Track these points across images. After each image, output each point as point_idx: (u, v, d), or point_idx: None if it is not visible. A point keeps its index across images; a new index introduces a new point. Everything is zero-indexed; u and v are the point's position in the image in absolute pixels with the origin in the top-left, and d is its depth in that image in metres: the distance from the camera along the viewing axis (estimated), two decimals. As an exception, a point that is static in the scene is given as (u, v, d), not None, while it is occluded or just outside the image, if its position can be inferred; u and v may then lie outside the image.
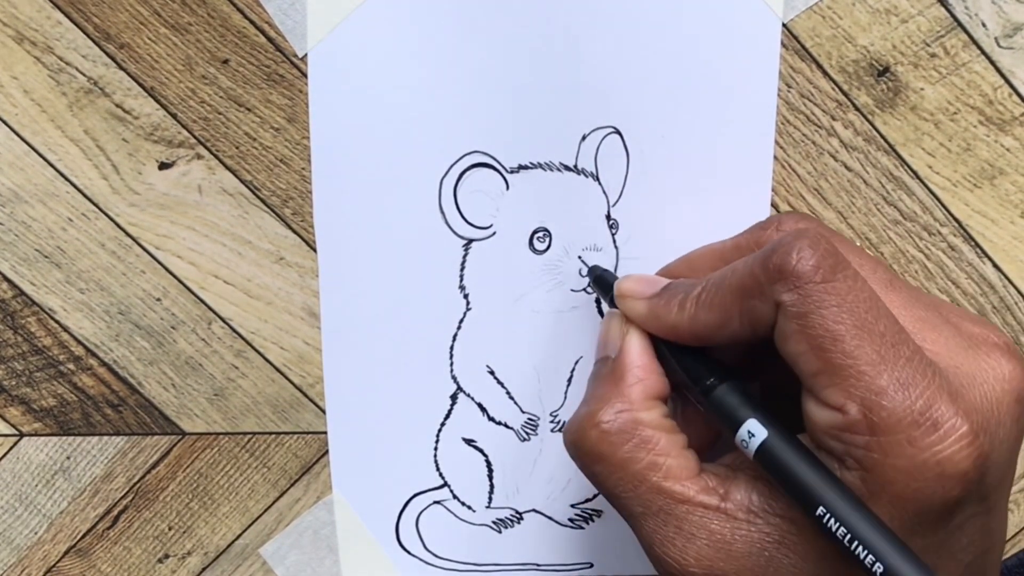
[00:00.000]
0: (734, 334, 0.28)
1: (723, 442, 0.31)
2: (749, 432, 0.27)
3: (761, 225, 0.31)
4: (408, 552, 0.38)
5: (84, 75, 0.34)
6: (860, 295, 0.26)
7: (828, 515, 0.25)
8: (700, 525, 0.27)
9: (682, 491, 0.27)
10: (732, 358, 0.31)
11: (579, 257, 0.35)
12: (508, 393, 0.37)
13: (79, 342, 0.36)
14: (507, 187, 0.35)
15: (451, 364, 0.36)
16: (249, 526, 0.38)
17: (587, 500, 0.38)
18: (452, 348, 0.36)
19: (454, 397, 0.37)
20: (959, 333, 0.27)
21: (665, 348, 0.30)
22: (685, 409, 0.31)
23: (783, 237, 0.27)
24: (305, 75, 0.34)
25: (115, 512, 0.38)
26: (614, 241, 0.36)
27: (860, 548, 0.24)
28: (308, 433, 0.37)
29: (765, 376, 0.31)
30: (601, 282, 0.34)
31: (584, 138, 0.35)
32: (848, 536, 0.24)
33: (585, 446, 0.28)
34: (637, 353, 0.29)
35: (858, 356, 0.25)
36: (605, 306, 0.36)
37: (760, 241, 0.30)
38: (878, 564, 0.24)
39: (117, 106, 0.35)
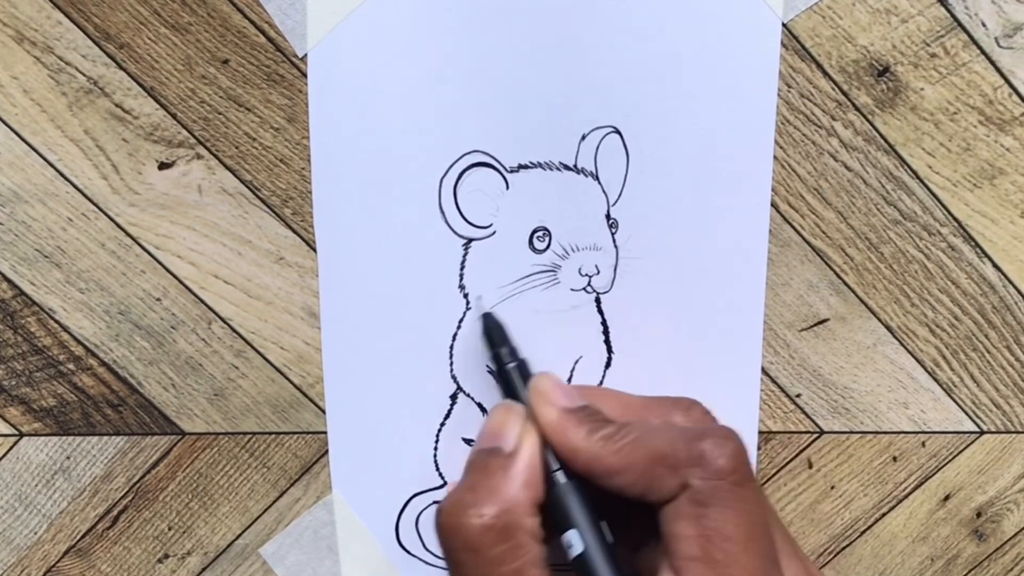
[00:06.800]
0: (622, 487, 0.29)
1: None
2: (568, 542, 0.29)
3: (678, 403, 0.32)
4: (408, 552, 0.38)
5: (84, 75, 0.34)
6: (758, 509, 0.28)
7: None
8: None
9: None
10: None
11: (476, 297, 0.35)
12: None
13: (79, 342, 0.36)
14: (507, 187, 0.35)
15: (451, 364, 0.36)
16: (249, 526, 0.38)
17: (587, 500, 0.38)
18: (452, 348, 0.36)
19: (454, 397, 0.37)
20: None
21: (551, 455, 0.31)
22: None
23: (714, 428, 0.29)
24: (305, 75, 0.34)
25: (115, 512, 0.38)
26: (614, 240, 0.36)
27: None
28: (308, 433, 0.37)
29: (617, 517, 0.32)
30: (492, 336, 0.34)
31: (584, 138, 0.35)
32: None
33: (462, 534, 0.29)
34: (534, 459, 0.30)
35: (742, 562, 0.27)
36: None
37: (674, 417, 0.31)
38: None
39: (117, 106, 0.35)
